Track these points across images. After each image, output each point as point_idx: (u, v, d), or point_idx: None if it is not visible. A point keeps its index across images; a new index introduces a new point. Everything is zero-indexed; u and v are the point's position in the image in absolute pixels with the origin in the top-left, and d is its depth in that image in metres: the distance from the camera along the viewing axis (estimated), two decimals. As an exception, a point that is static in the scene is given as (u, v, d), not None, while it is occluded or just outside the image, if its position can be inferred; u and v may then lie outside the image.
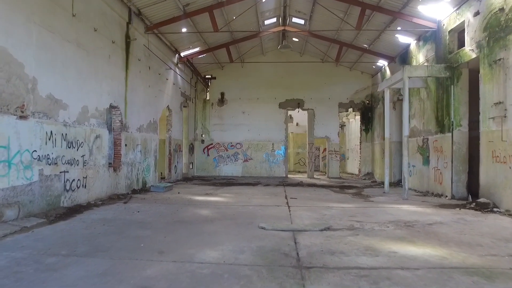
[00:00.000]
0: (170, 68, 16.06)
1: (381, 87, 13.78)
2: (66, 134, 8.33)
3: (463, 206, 9.16)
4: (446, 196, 11.15)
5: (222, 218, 7.62)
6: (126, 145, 11.67)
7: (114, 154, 11.32)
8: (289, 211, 8.52)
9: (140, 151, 12.92)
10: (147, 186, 13.25)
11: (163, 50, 15.08)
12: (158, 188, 12.73)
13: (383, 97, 18.73)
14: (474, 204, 9.12)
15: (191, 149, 20.58)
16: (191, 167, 20.51)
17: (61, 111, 8.18)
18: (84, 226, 6.67)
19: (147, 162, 13.63)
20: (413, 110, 14.13)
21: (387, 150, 13.24)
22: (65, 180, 8.30)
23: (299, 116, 27.31)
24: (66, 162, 8.34)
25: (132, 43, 11.94)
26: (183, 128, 19.67)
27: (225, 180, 18.14)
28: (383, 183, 17.35)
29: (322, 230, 6.38)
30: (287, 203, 9.92)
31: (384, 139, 18.87)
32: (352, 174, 24.19)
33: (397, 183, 16.19)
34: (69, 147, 8.49)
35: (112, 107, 10.93)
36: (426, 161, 12.86)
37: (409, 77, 11.24)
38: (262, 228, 6.49)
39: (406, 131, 11.15)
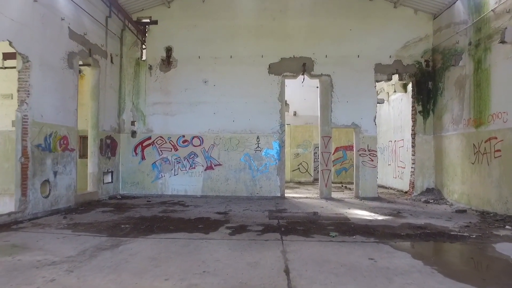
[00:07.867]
0: (11, -48, 6.79)
1: None
2: None
3: None
4: None
5: None
6: None
7: None
8: None
9: None
10: None
11: None
12: None
13: (469, 45, 8.88)
14: None
15: (109, 147, 11.26)
16: (108, 180, 11.21)
17: None
18: None
19: None
20: None
21: None
22: None
23: (299, 101, 18.27)
24: None
25: None
26: (91, 106, 10.45)
27: (161, 209, 8.92)
28: (483, 213, 8.27)
29: None
30: None
31: (477, 124, 8.98)
32: (388, 187, 15.11)
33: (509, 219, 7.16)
34: None
35: None
36: None
37: None
38: None
39: None
